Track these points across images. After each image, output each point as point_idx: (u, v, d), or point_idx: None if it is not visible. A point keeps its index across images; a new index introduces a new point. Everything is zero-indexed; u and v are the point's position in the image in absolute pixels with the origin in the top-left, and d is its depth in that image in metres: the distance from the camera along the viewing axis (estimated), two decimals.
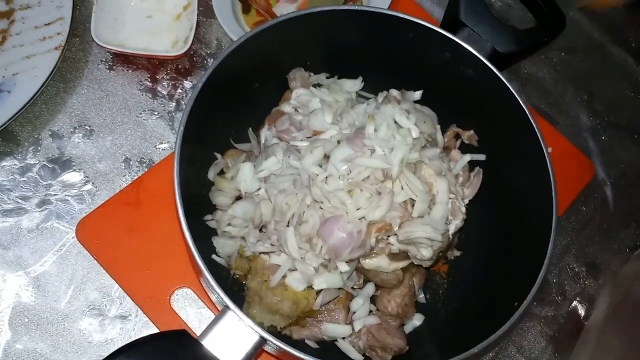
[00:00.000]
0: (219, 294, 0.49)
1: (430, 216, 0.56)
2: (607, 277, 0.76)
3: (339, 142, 0.59)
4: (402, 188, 0.55)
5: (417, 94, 0.66)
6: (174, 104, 0.74)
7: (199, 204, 0.61)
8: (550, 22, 0.66)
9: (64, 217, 0.66)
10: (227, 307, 0.49)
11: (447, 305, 0.66)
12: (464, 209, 0.59)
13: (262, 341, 0.49)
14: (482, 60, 0.61)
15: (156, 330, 0.62)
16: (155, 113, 0.73)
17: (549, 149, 0.58)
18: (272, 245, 0.57)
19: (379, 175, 0.56)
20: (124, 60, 0.75)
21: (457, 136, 0.68)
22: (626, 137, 0.85)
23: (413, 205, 0.56)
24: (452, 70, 0.64)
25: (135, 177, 0.68)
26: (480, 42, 0.62)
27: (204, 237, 0.59)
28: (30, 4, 0.72)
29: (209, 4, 0.76)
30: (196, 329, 0.62)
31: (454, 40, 0.61)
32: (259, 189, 0.60)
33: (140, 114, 0.73)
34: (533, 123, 0.59)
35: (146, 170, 0.69)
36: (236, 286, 0.60)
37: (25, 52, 0.69)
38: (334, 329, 0.58)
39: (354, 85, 0.67)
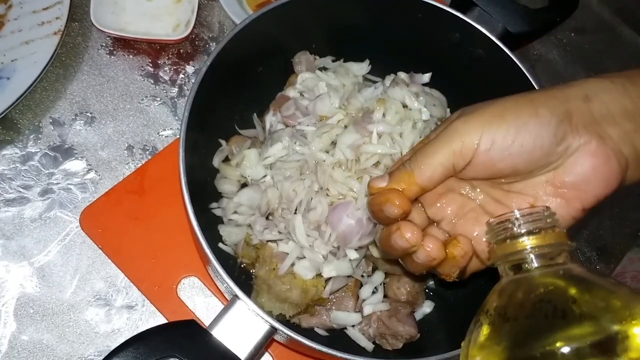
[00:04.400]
0: (227, 284, 0.48)
1: None
2: (618, 262, 0.75)
3: (346, 127, 0.57)
4: None
5: (426, 77, 0.64)
6: (177, 89, 0.72)
7: (204, 191, 0.60)
8: (562, 1, 0.65)
9: (67, 206, 0.65)
10: (236, 297, 0.49)
11: (457, 292, 0.66)
12: None
13: (273, 330, 0.49)
14: (493, 41, 0.59)
15: (163, 320, 0.61)
16: (158, 99, 0.72)
17: None
18: (279, 233, 0.56)
19: (388, 161, 0.55)
20: (124, 45, 0.73)
21: None
22: None
23: None
24: (462, 52, 0.62)
25: (139, 165, 0.67)
26: (491, 21, 0.61)
27: (209, 225, 0.58)
28: None
29: None
30: (204, 317, 0.61)
31: (464, 20, 0.59)
32: (264, 175, 0.59)
33: (142, 100, 0.71)
34: None
35: (150, 157, 0.68)
36: (244, 275, 0.60)
37: (23, 37, 0.67)
38: (344, 317, 0.57)
39: (360, 68, 0.66)
